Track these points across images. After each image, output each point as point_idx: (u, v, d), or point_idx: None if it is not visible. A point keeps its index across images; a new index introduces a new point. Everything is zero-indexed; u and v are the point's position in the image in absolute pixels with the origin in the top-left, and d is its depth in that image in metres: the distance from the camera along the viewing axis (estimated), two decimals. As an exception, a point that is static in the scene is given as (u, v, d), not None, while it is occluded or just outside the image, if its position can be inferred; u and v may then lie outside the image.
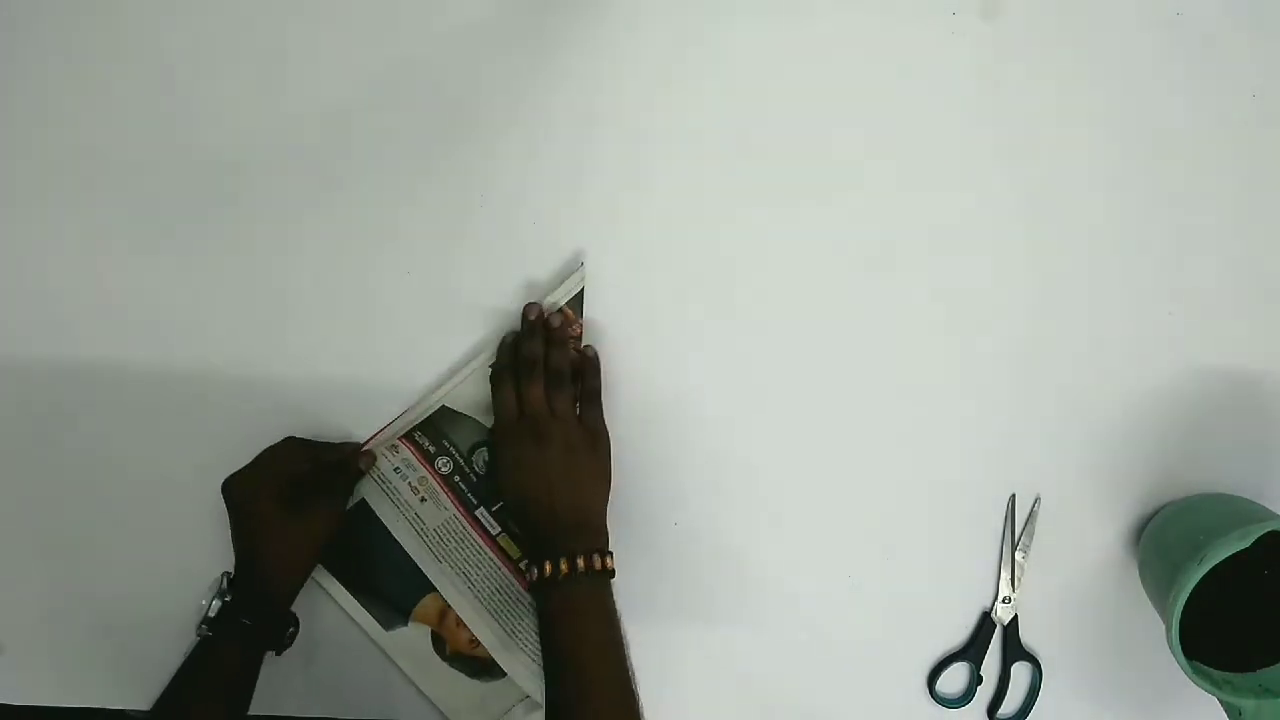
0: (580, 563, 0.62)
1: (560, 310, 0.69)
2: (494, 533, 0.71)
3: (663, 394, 0.71)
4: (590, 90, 0.70)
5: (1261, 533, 0.61)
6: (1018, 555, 0.73)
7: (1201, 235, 0.71)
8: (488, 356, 0.70)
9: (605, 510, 0.67)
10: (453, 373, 0.71)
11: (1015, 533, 0.73)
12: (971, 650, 0.74)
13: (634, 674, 0.60)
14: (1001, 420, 0.72)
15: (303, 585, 0.68)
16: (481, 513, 0.71)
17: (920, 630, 0.74)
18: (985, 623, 0.74)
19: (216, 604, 0.63)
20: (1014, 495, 0.73)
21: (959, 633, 0.75)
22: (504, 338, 0.69)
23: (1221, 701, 0.65)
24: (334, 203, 0.70)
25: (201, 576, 0.66)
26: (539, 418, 0.66)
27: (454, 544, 0.70)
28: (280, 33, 0.69)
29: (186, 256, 0.71)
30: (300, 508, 0.66)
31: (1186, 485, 0.73)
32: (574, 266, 0.70)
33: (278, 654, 0.66)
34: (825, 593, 0.73)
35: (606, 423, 0.69)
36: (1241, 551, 0.61)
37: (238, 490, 0.67)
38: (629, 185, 0.70)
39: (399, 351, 0.71)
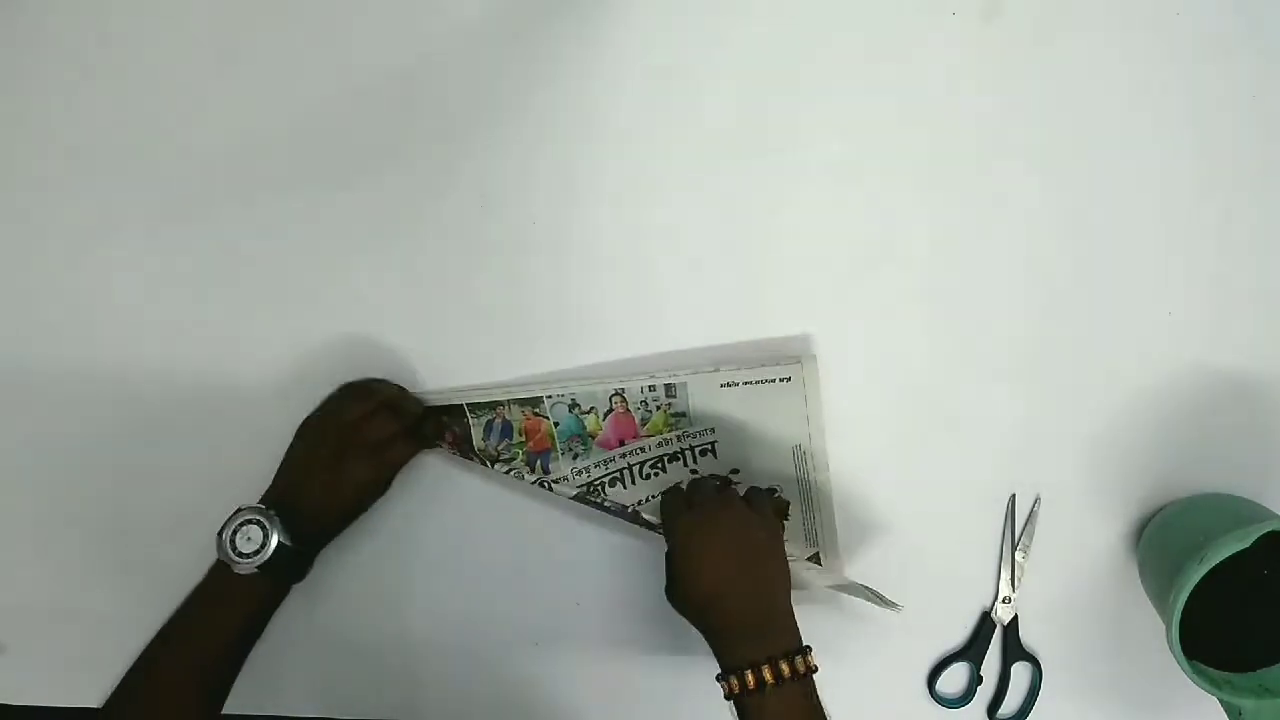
0: (785, 667, 0.57)
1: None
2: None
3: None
4: (591, 90, 0.70)
5: (1261, 533, 0.61)
6: (1018, 555, 0.73)
7: (1202, 235, 0.71)
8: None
9: (790, 602, 0.62)
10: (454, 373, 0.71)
11: (1015, 533, 0.73)
12: (971, 650, 0.74)
13: None
14: (1001, 420, 0.72)
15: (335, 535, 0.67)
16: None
17: (920, 630, 0.74)
18: (985, 623, 0.74)
19: (274, 538, 0.61)
20: (1014, 495, 0.73)
21: (959, 633, 0.75)
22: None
23: (1221, 701, 0.65)
24: (334, 203, 0.70)
25: (201, 576, 0.66)
26: (724, 500, 0.63)
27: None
28: (281, 34, 0.69)
29: (186, 257, 0.71)
30: (371, 456, 0.66)
31: (1186, 485, 0.73)
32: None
33: (298, 582, 0.65)
34: (826, 593, 0.73)
35: None
36: (1241, 551, 0.61)
37: (322, 423, 0.66)
38: (629, 185, 0.70)
39: (398, 352, 0.71)
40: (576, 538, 0.73)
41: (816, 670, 0.59)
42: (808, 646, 0.59)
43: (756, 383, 0.69)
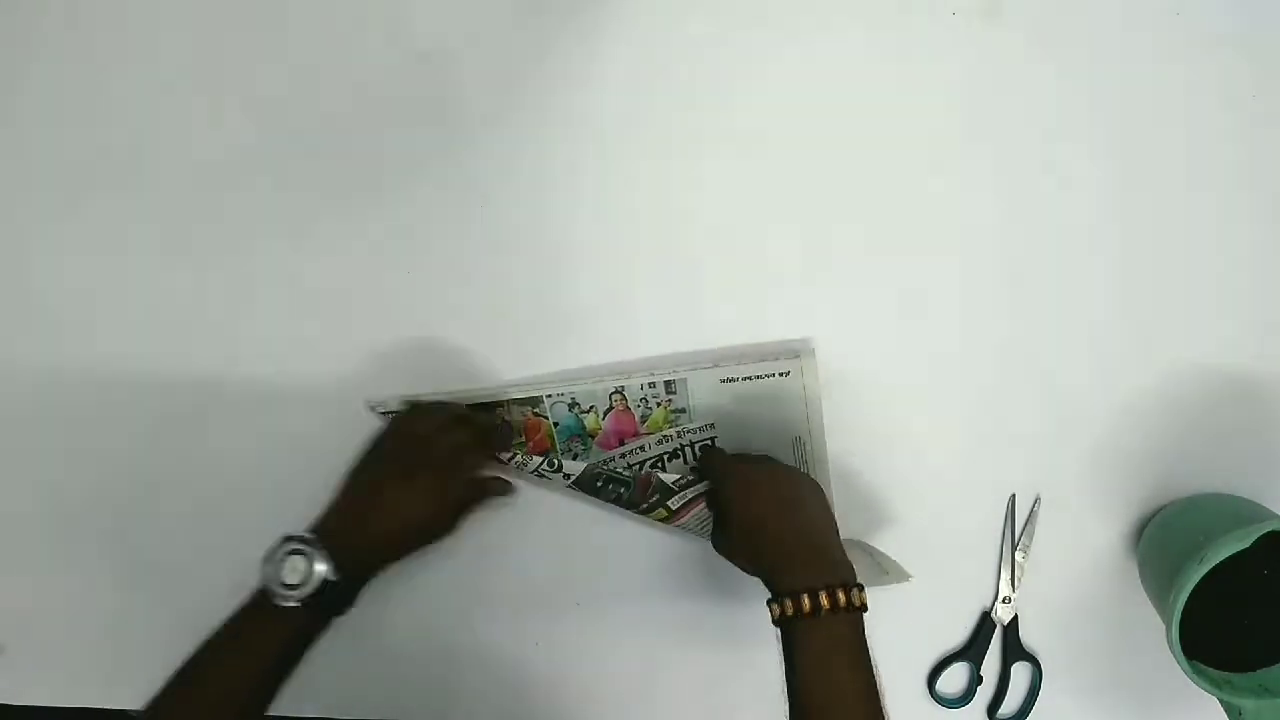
0: (841, 596, 0.56)
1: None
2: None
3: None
4: (590, 90, 0.70)
5: (1261, 533, 0.61)
6: (1018, 555, 0.73)
7: (1201, 235, 0.71)
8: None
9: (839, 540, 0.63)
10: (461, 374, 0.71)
11: (1015, 533, 0.73)
12: (971, 650, 0.74)
13: None
14: (1001, 420, 0.72)
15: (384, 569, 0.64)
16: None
17: (920, 630, 0.74)
18: (985, 623, 0.74)
19: (315, 573, 0.58)
20: (1014, 495, 0.73)
21: (959, 633, 0.75)
22: None
23: (1221, 701, 0.65)
24: (335, 202, 0.70)
25: (201, 576, 0.66)
26: (761, 457, 0.68)
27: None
28: (281, 34, 0.69)
29: (186, 256, 0.71)
30: (454, 503, 0.65)
31: (1186, 485, 0.73)
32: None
33: (341, 615, 0.63)
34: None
35: None
36: (1241, 551, 0.61)
37: (393, 439, 0.65)
38: (628, 184, 0.70)
39: (399, 351, 0.71)
40: (576, 538, 0.73)
41: (867, 609, 0.58)
42: (860, 583, 0.58)
43: (756, 378, 0.69)
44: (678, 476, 0.68)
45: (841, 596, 0.56)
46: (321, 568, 0.59)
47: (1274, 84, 0.70)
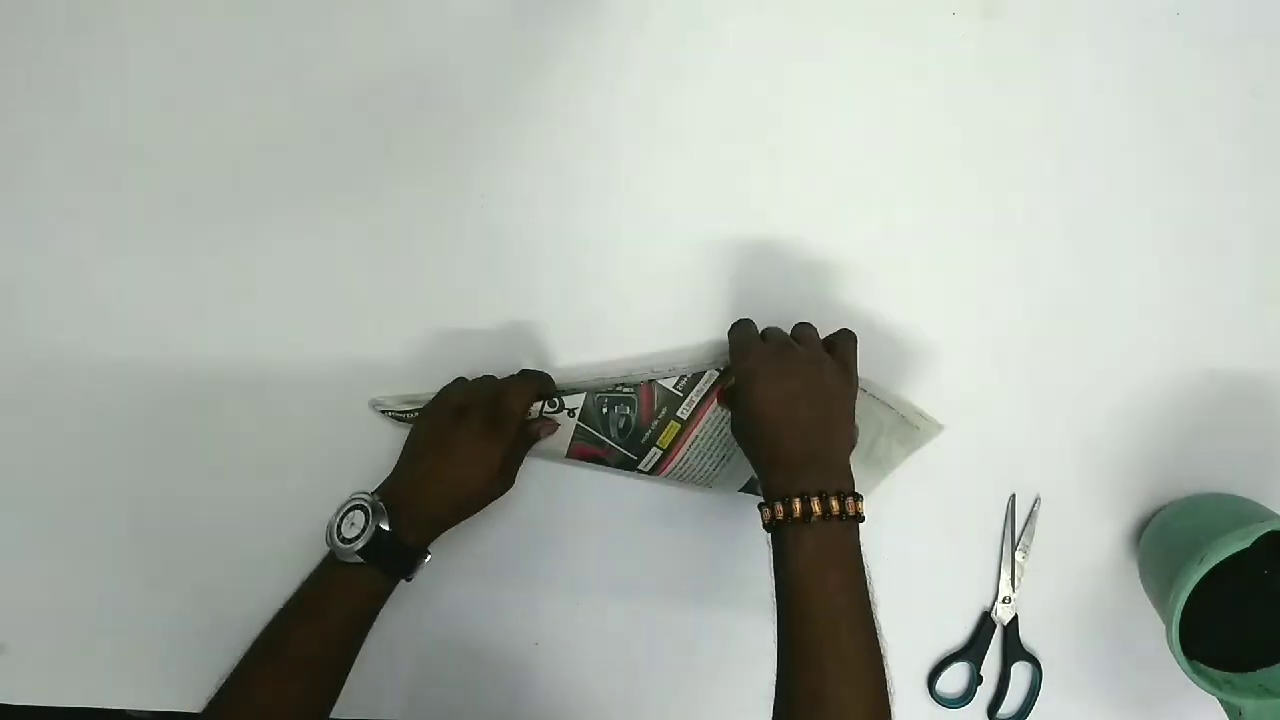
0: (834, 503, 0.55)
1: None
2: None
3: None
4: (590, 90, 0.70)
5: (1261, 533, 0.61)
6: (1018, 555, 0.73)
7: (1201, 235, 0.71)
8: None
9: (850, 454, 0.60)
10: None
11: (1015, 533, 0.73)
12: (971, 650, 0.74)
13: (884, 643, 0.54)
14: (1001, 420, 0.72)
15: (448, 529, 0.65)
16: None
17: (920, 630, 0.74)
18: (985, 623, 0.74)
19: (373, 526, 0.59)
20: (1014, 495, 0.73)
21: (959, 633, 0.75)
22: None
23: (1221, 701, 0.65)
24: (335, 202, 0.70)
25: (201, 576, 0.66)
26: (806, 341, 0.63)
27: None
28: (281, 33, 0.69)
29: (186, 255, 0.71)
30: (501, 452, 0.64)
31: (1186, 485, 0.73)
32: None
33: (408, 580, 0.63)
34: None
35: None
36: (1241, 551, 0.61)
37: (471, 414, 0.64)
38: (630, 183, 0.70)
39: (399, 351, 0.71)
40: (576, 537, 0.73)
41: (864, 519, 0.56)
42: (860, 494, 0.57)
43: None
44: (676, 379, 0.68)
45: (835, 504, 0.55)
46: (375, 519, 0.59)
47: (1274, 84, 0.70)
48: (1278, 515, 0.65)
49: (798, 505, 0.55)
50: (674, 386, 0.69)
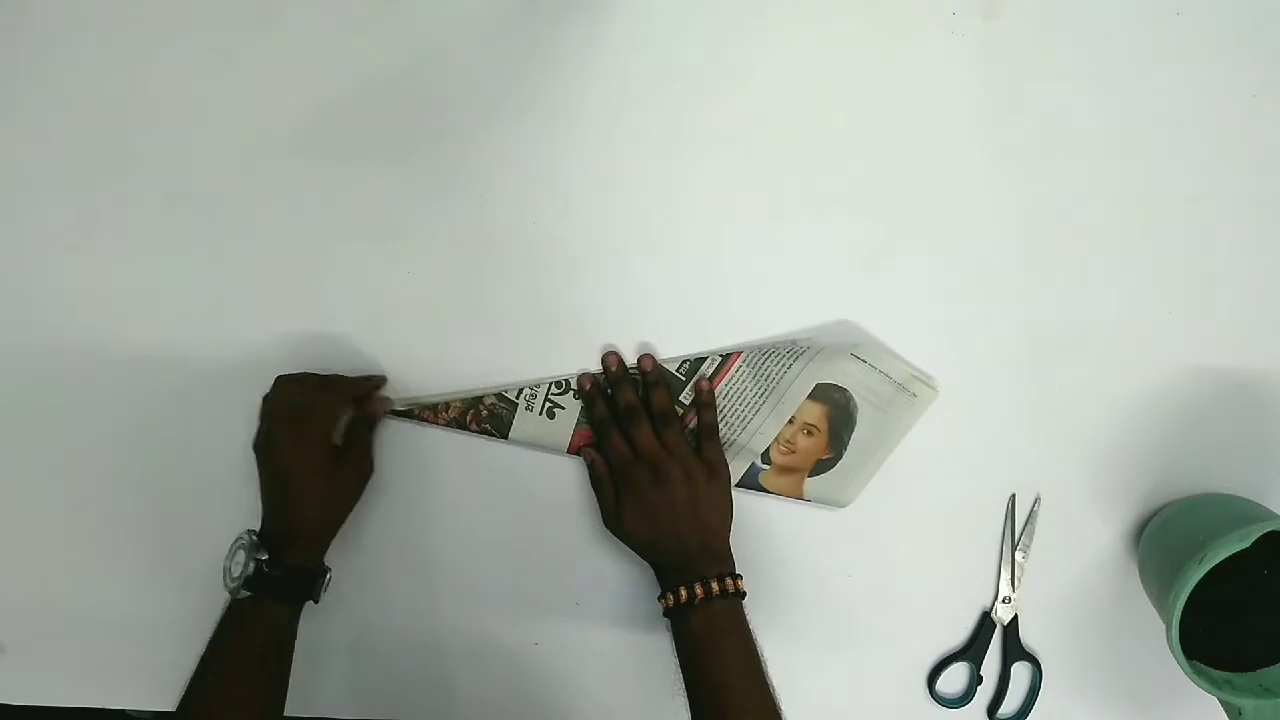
0: (714, 586, 0.64)
1: (649, 355, 0.71)
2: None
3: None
4: (590, 90, 0.70)
5: (1261, 533, 0.61)
6: (1018, 555, 0.73)
7: (1201, 235, 0.71)
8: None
9: (728, 537, 0.69)
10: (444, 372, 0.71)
11: (1015, 533, 0.73)
12: (971, 650, 0.74)
13: (775, 690, 0.62)
14: (1001, 420, 0.72)
15: (335, 535, 0.68)
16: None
17: (920, 630, 0.74)
18: (985, 623, 0.74)
19: (250, 561, 0.62)
20: (1014, 495, 0.73)
21: (959, 633, 0.75)
22: (583, 387, 0.70)
23: (1221, 701, 0.65)
24: (335, 201, 0.70)
25: (202, 576, 0.66)
26: (656, 457, 0.68)
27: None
28: (282, 32, 0.69)
29: (184, 255, 0.71)
30: (337, 455, 0.66)
31: (1186, 485, 0.73)
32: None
33: (316, 602, 0.66)
34: (826, 593, 0.73)
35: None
36: (1241, 551, 0.61)
37: (276, 438, 0.65)
38: (629, 183, 0.70)
39: (397, 350, 0.71)
40: (576, 536, 0.73)
41: (744, 595, 0.65)
42: (739, 574, 0.66)
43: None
44: (678, 363, 0.70)
45: (715, 587, 0.64)
46: (249, 554, 0.62)
47: (1274, 84, 0.70)
48: (1278, 515, 0.65)
49: (683, 592, 0.64)
50: (676, 369, 0.70)
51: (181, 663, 0.65)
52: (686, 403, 0.71)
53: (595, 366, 0.71)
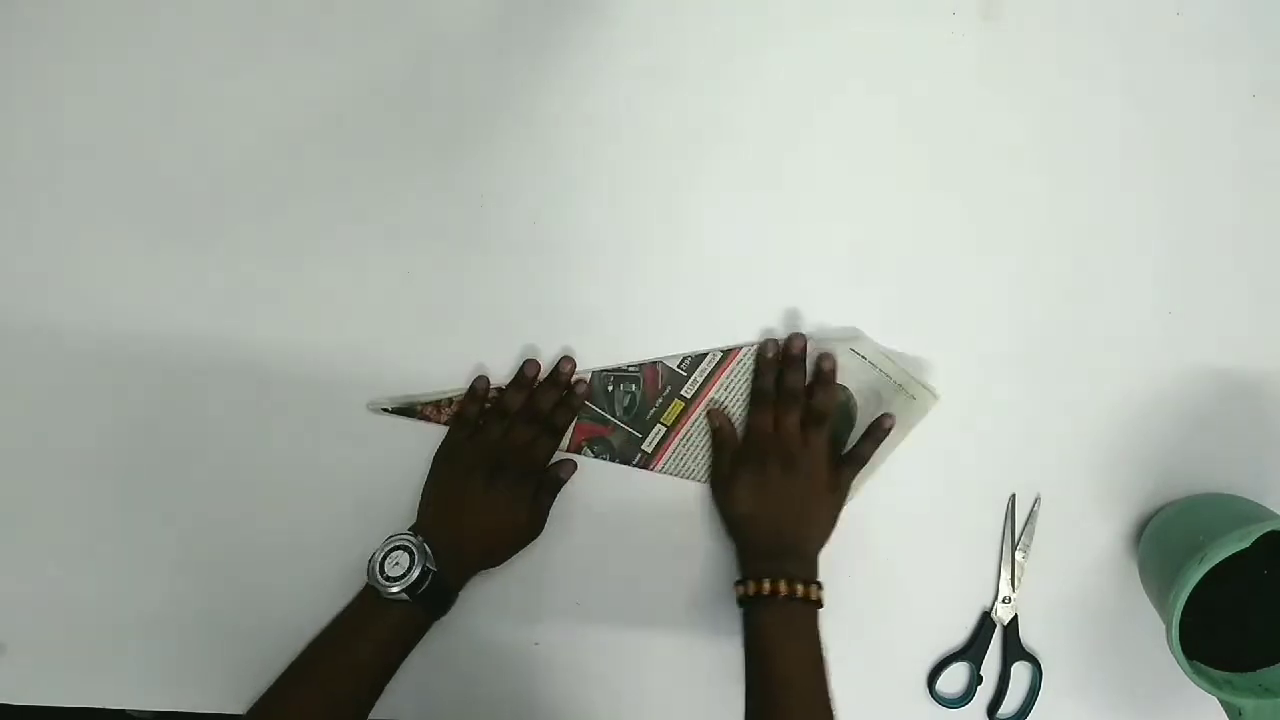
0: (799, 588, 0.64)
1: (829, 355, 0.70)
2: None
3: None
4: (590, 90, 0.70)
5: (1261, 533, 0.61)
6: (1018, 555, 0.73)
7: (1201, 235, 0.71)
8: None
9: (820, 551, 0.68)
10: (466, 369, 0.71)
11: (1015, 533, 0.73)
12: (971, 650, 0.74)
13: (835, 705, 0.62)
14: (1001, 420, 0.72)
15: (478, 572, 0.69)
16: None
17: (920, 630, 0.74)
18: (985, 623, 0.74)
19: (417, 568, 0.62)
20: (1014, 495, 0.73)
21: (959, 633, 0.75)
22: (762, 349, 0.70)
23: (1221, 701, 0.65)
24: (334, 201, 0.70)
25: (204, 575, 0.66)
26: (794, 446, 0.68)
27: None
28: (281, 33, 0.69)
29: (185, 255, 0.71)
30: (523, 501, 0.67)
31: (1186, 485, 0.73)
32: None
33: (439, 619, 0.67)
34: (826, 592, 0.73)
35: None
36: (1241, 551, 0.61)
37: (496, 476, 0.66)
38: (628, 184, 0.70)
39: (397, 348, 0.71)
40: (577, 536, 0.73)
41: (822, 605, 0.65)
42: (821, 583, 0.65)
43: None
44: (680, 358, 0.70)
45: (800, 589, 0.64)
46: (421, 560, 0.63)
47: (1274, 84, 0.70)
48: (1277, 515, 0.65)
49: (766, 585, 0.64)
50: (678, 365, 0.70)
51: (182, 663, 0.65)
52: (689, 395, 0.71)
53: (595, 366, 0.71)
